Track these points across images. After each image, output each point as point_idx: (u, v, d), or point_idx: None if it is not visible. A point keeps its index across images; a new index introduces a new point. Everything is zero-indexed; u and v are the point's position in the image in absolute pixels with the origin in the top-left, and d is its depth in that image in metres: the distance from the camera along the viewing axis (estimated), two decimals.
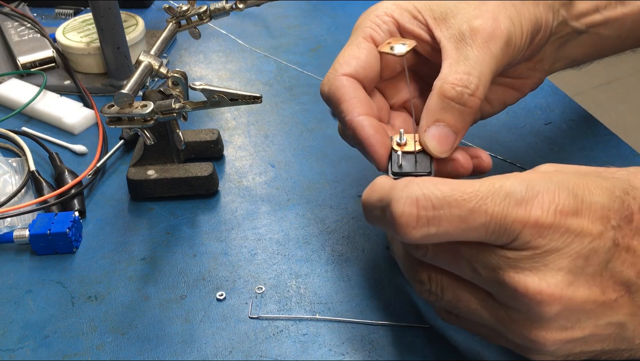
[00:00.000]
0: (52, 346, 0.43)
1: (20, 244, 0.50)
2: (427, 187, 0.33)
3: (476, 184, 0.33)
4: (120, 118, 0.47)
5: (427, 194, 0.33)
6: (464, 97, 0.39)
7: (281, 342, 0.43)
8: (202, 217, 0.54)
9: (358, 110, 0.41)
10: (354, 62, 0.43)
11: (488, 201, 0.32)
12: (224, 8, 0.59)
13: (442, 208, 0.32)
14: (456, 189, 0.33)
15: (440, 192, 0.33)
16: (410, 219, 0.33)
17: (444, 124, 0.40)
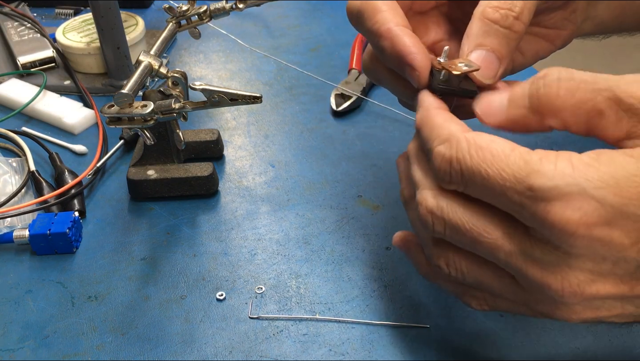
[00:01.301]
0: (52, 346, 0.43)
1: (20, 244, 0.50)
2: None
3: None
4: (120, 118, 0.47)
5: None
6: (509, 20, 0.38)
7: (281, 342, 0.43)
8: (202, 217, 0.54)
9: (396, 20, 0.39)
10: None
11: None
12: (224, 8, 0.59)
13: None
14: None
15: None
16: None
17: (488, 48, 0.38)
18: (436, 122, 0.36)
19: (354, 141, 0.62)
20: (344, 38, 0.80)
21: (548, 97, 0.34)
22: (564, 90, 0.33)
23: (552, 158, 0.31)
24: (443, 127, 0.35)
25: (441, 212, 0.35)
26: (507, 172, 0.32)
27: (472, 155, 0.33)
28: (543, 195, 0.31)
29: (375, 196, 0.55)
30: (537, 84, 0.34)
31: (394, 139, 0.62)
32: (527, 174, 0.31)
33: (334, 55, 0.76)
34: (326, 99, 0.68)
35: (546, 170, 0.31)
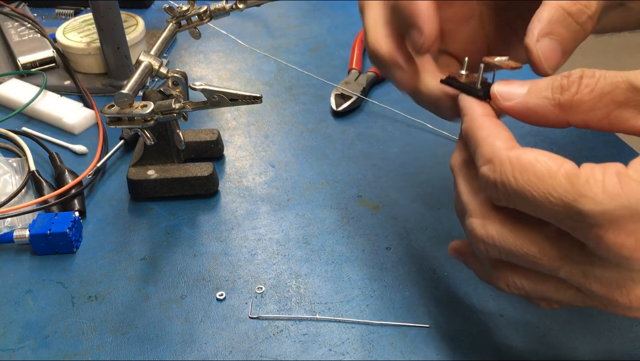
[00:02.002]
0: (52, 346, 0.43)
1: (20, 244, 0.50)
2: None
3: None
4: (120, 118, 0.47)
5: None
6: (583, 17, 0.37)
7: (281, 342, 0.43)
8: (202, 217, 0.54)
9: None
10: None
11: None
12: (224, 8, 0.59)
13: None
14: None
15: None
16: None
17: (557, 39, 0.37)
18: (480, 136, 0.35)
19: (354, 141, 0.62)
20: (344, 38, 0.80)
21: (570, 92, 0.34)
22: (585, 86, 0.34)
23: (599, 177, 0.30)
24: (486, 144, 0.35)
25: (492, 240, 0.35)
26: (555, 197, 0.31)
27: (516, 178, 0.32)
28: (594, 221, 0.30)
29: (375, 196, 0.55)
30: (560, 80, 0.35)
31: (394, 139, 0.62)
32: (574, 198, 0.30)
33: (334, 56, 0.76)
34: (326, 99, 0.68)
35: (594, 193, 0.30)
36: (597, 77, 0.34)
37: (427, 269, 0.48)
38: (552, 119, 0.35)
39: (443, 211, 0.53)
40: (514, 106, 0.36)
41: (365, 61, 0.75)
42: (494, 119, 0.36)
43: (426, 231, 0.51)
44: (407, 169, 0.58)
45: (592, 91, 0.34)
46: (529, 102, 0.35)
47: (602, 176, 0.30)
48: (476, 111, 0.37)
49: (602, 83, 0.33)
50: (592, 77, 0.34)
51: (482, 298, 0.45)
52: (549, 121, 0.36)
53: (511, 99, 0.36)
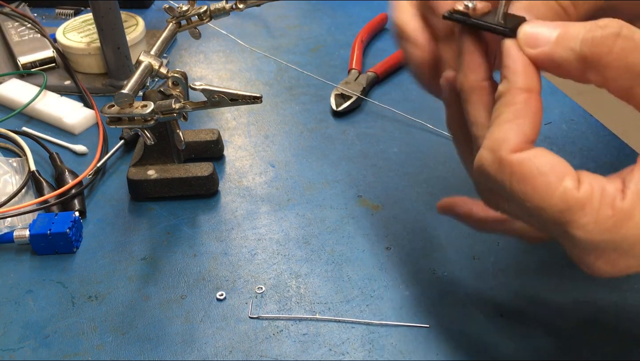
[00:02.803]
0: (53, 346, 0.43)
1: (20, 244, 0.50)
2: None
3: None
4: (120, 118, 0.47)
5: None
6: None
7: (281, 342, 0.43)
8: (202, 217, 0.54)
9: None
10: None
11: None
12: (224, 8, 0.59)
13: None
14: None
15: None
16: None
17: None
18: (503, 117, 0.33)
19: (354, 141, 0.62)
20: (344, 38, 0.80)
21: (600, 50, 0.31)
22: (619, 48, 0.31)
23: (596, 205, 0.30)
24: (501, 130, 0.33)
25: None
26: (547, 213, 0.31)
27: (512, 184, 0.32)
28: (580, 244, 0.31)
29: (375, 196, 0.55)
30: (593, 32, 0.32)
31: (394, 139, 0.62)
32: (567, 221, 0.31)
33: (334, 56, 0.76)
34: (326, 99, 0.68)
35: (587, 222, 0.30)
36: (636, 42, 0.31)
37: (427, 269, 0.48)
38: (575, 75, 0.33)
39: None
40: (538, 55, 0.33)
41: (365, 60, 0.75)
42: (533, 102, 0.33)
43: (426, 231, 0.51)
44: (407, 169, 0.58)
45: (624, 58, 0.31)
46: (555, 53, 0.33)
47: (598, 204, 0.30)
48: (518, 81, 0.33)
49: (637, 55, 0.31)
50: (630, 39, 0.31)
51: (482, 298, 0.45)
52: (572, 76, 0.33)
53: (537, 47, 0.33)
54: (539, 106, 0.33)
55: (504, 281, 0.47)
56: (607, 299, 0.44)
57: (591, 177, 0.31)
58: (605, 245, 0.31)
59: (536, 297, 0.45)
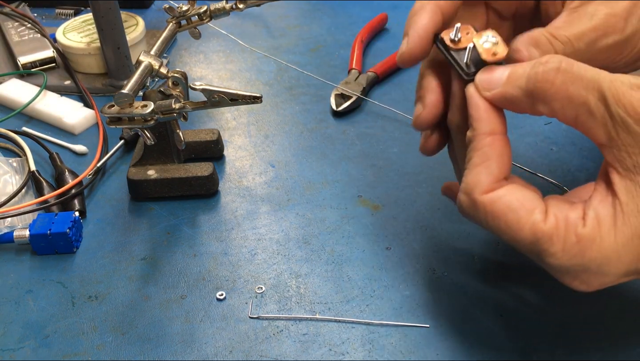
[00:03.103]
0: (53, 346, 0.43)
1: (20, 244, 0.50)
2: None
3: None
4: (120, 118, 0.47)
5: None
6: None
7: (281, 342, 0.43)
8: (202, 217, 0.54)
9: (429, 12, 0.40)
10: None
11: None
12: (224, 8, 0.59)
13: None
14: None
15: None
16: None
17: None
18: (473, 161, 0.37)
19: (354, 141, 0.62)
20: (344, 38, 0.80)
21: (543, 85, 0.34)
22: (560, 81, 0.34)
23: (562, 233, 0.34)
24: (473, 175, 0.37)
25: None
26: (521, 245, 0.35)
27: (488, 221, 0.36)
28: (553, 268, 0.35)
29: (375, 196, 0.55)
30: (536, 68, 0.35)
31: (394, 139, 0.62)
32: (538, 251, 0.34)
33: (334, 56, 0.76)
34: (326, 99, 0.68)
35: (555, 251, 0.34)
36: (574, 74, 0.34)
37: (427, 269, 0.48)
38: (527, 109, 0.36)
39: (443, 211, 0.53)
40: (493, 97, 0.37)
41: (365, 60, 0.75)
42: (497, 144, 0.37)
43: (426, 231, 0.51)
44: (407, 169, 0.58)
45: (565, 91, 0.34)
46: (506, 93, 0.36)
47: (564, 233, 0.34)
48: (481, 127, 0.37)
49: (577, 86, 0.33)
50: (569, 72, 0.34)
51: (482, 298, 0.45)
52: (524, 110, 0.37)
53: (491, 89, 0.37)
54: (504, 146, 0.37)
55: (504, 281, 0.47)
56: (608, 299, 0.44)
57: (556, 208, 0.35)
58: (576, 268, 0.34)
59: (536, 297, 0.45)
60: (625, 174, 0.33)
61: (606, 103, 0.32)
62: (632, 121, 0.32)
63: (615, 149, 0.33)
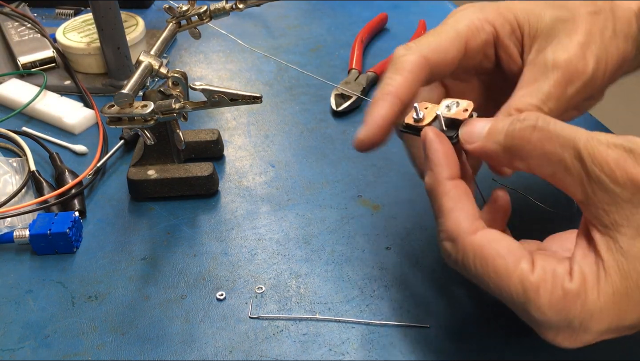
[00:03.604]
0: (53, 346, 0.43)
1: (20, 244, 0.50)
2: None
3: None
4: (120, 118, 0.47)
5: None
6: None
7: (281, 342, 0.43)
8: (202, 217, 0.54)
9: (401, 82, 0.40)
10: (441, 56, 0.41)
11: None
12: (224, 8, 0.59)
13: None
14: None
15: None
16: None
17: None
18: (445, 207, 0.36)
19: None
20: (344, 38, 0.80)
21: (519, 142, 0.35)
22: (536, 139, 0.34)
23: (549, 287, 0.33)
24: (451, 220, 0.36)
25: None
26: (508, 294, 0.34)
27: (476, 267, 0.35)
28: (537, 323, 0.34)
29: (375, 196, 0.55)
30: (514, 125, 0.35)
31: (394, 139, 0.62)
32: (525, 302, 0.34)
33: (334, 56, 0.76)
34: (326, 99, 0.68)
35: (542, 304, 0.33)
36: (551, 132, 0.34)
37: (427, 270, 0.48)
38: (505, 164, 0.37)
39: None
40: (474, 150, 0.37)
41: (365, 60, 0.75)
42: (461, 186, 0.37)
43: (426, 231, 0.51)
44: (407, 169, 0.58)
45: (541, 148, 0.34)
46: (485, 147, 0.37)
47: (551, 287, 0.33)
48: (442, 172, 0.37)
49: (553, 144, 0.34)
50: (545, 130, 0.34)
51: (482, 298, 0.45)
52: (503, 165, 0.37)
53: (472, 142, 0.37)
54: (468, 188, 0.37)
55: None
56: None
57: (543, 260, 0.34)
58: (560, 324, 0.33)
59: None
60: (605, 231, 0.33)
61: (582, 161, 0.33)
62: (608, 180, 0.32)
63: (593, 207, 0.33)
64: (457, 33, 0.42)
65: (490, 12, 0.43)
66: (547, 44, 0.41)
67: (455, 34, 0.42)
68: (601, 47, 0.40)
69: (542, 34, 0.42)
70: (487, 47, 0.43)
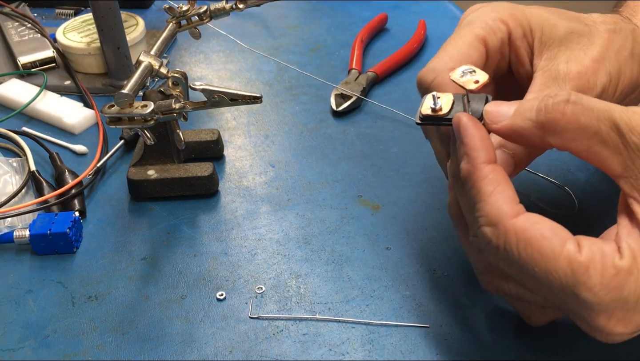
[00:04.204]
0: (53, 346, 0.43)
1: (20, 244, 0.50)
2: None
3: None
4: (120, 118, 0.47)
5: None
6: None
7: (281, 342, 0.43)
8: (202, 217, 0.54)
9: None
10: (465, 60, 0.41)
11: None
12: (224, 8, 0.59)
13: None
14: None
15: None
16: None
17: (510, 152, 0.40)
18: (484, 191, 0.35)
19: (354, 141, 0.62)
20: (344, 38, 0.80)
21: (554, 115, 0.34)
22: (571, 112, 0.34)
23: (598, 266, 0.32)
24: (490, 204, 0.35)
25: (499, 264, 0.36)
26: (555, 277, 0.32)
27: (520, 251, 0.33)
28: (589, 306, 0.33)
29: (375, 196, 0.55)
30: (546, 101, 0.35)
31: (394, 139, 0.62)
32: (574, 284, 0.32)
33: (334, 56, 0.76)
34: (326, 99, 0.68)
35: (593, 284, 0.32)
36: (584, 106, 0.34)
37: (427, 269, 0.48)
38: (537, 141, 0.36)
39: (443, 211, 0.53)
40: (500, 129, 0.37)
41: (365, 60, 0.75)
42: (499, 170, 0.36)
43: (426, 231, 0.51)
44: (407, 169, 0.58)
45: (576, 121, 0.34)
46: (514, 124, 0.36)
47: (600, 265, 0.32)
48: (479, 156, 0.36)
49: (588, 116, 0.33)
50: (579, 103, 0.34)
51: (482, 298, 0.45)
52: (534, 142, 0.36)
53: (498, 121, 0.37)
54: (505, 172, 0.36)
55: None
56: None
57: (589, 241, 0.33)
58: (614, 304, 0.32)
59: None
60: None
61: (619, 132, 0.32)
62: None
63: (632, 178, 0.33)
64: (475, 36, 0.42)
65: (504, 13, 0.43)
66: (560, 54, 0.41)
67: (473, 37, 0.42)
68: (615, 66, 0.40)
69: (554, 43, 0.42)
70: (503, 46, 0.43)
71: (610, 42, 0.41)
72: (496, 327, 0.43)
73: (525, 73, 0.43)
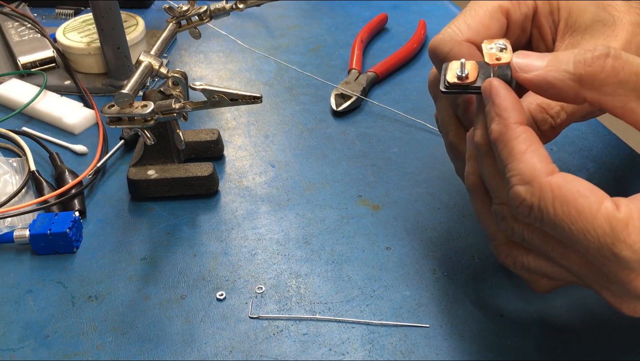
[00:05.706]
0: (53, 346, 0.43)
1: (20, 244, 0.50)
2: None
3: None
4: (120, 118, 0.47)
5: None
6: (545, 126, 0.40)
7: (281, 342, 0.43)
8: (202, 217, 0.54)
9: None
10: (483, 31, 0.40)
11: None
12: (224, 8, 0.59)
13: None
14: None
15: None
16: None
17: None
18: (517, 150, 0.34)
19: (354, 141, 0.62)
20: (344, 38, 0.80)
21: (593, 69, 0.33)
22: (610, 66, 0.33)
23: (638, 223, 0.31)
24: (524, 162, 0.34)
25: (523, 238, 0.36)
26: (592, 235, 0.32)
27: (556, 208, 0.32)
28: (628, 265, 0.31)
29: (375, 196, 0.55)
30: (584, 54, 0.34)
31: (394, 139, 0.62)
32: (612, 242, 0.31)
33: (334, 55, 0.76)
34: (326, 99, 0.68)
35: (633, 241, 0.31)
36: (624, 61, 0.33)
37: (427, 269, 0.48)
38: (571, 94, 0.35)
39: (443, 211, 0.53)
40: (533, 79, 0.35)
41: (365, 60, 0.75)
42: (531, 130, 0.35)
43: (426, 231, 0.51)
44: (407, 169, 0.58)
45: (616, 75, 0.33)
46: (548, 75, 0.35)
47: (639, 223, 0.31)
48: (511, 116, 0.35)
49: (628, 70, 0.33)
50: (619, 58, 0.33)
51: (482, 298, 0.45)
52: (567, 96, 0.35)
53: (529, 71, 0.35)
54: (535, 134, 0.35)
55: (504, 281, 0.47)
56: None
57: (626, 200, 0.32)
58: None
59: (536, 297, 0.45)
60: None
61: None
62: None
63: None
64: (498, 6, 0.41)
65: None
66: (583, 42, 0.40)
67: (496, 7, 0.41)
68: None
69: (579, 28, 0.41)
70: (526, 22, 0.42)
71: (634, 36, 0.40)
72: (496, 327, 0.43)
73: (546, 51, 0.42)
